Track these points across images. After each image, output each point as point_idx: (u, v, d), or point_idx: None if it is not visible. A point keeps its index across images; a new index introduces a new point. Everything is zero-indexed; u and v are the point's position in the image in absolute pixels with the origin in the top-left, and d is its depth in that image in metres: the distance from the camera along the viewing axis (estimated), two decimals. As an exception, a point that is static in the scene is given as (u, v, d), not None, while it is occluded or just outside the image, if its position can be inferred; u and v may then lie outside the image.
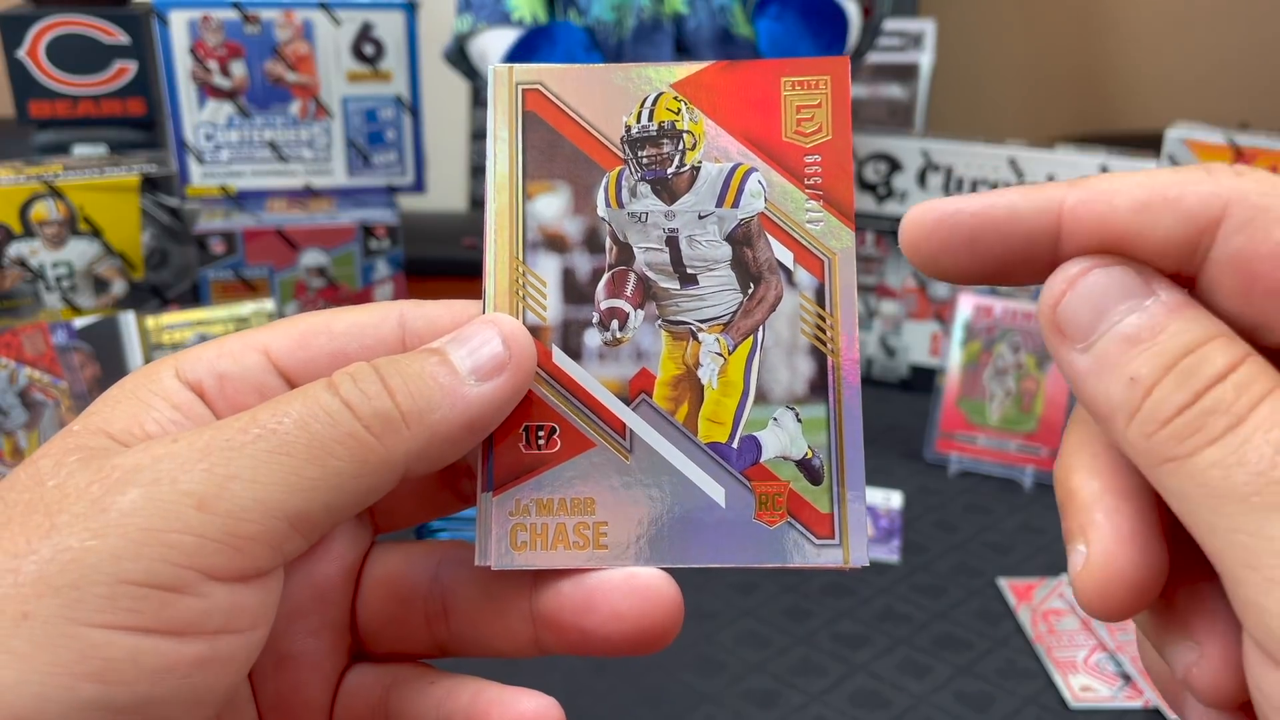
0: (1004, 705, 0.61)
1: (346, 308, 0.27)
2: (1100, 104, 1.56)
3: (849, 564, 0.27)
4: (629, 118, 0.28)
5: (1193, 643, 0.22)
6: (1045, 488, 0.84)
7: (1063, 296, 0.23)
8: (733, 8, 0.91)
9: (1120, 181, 0.23)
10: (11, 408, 0.72)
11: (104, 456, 0.23)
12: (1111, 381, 0.22)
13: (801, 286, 0.27)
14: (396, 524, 0.30)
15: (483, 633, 0.28)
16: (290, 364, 0.26)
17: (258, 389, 0.26)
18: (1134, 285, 0.22)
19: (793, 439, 0.27)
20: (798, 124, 0.28)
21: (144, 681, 0.21)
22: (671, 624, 0.26)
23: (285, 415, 0.23)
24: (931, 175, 0.96)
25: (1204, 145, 0.86)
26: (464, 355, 0.25)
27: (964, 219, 0.23)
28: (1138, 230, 0.22)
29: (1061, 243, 0.23)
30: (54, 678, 0.20)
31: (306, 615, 0.27)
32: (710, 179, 0.28)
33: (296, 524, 0.23)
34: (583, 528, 0.27)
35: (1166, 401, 0.21)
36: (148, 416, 0.24)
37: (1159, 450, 0.21)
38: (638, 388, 0.27)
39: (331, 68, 0.98)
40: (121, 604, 0.21)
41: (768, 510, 0.27)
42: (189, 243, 0.92)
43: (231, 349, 0.26)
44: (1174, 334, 0.21)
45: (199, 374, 0.25)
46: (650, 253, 0.28)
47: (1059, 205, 0.23)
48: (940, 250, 0.24)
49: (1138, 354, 0.22)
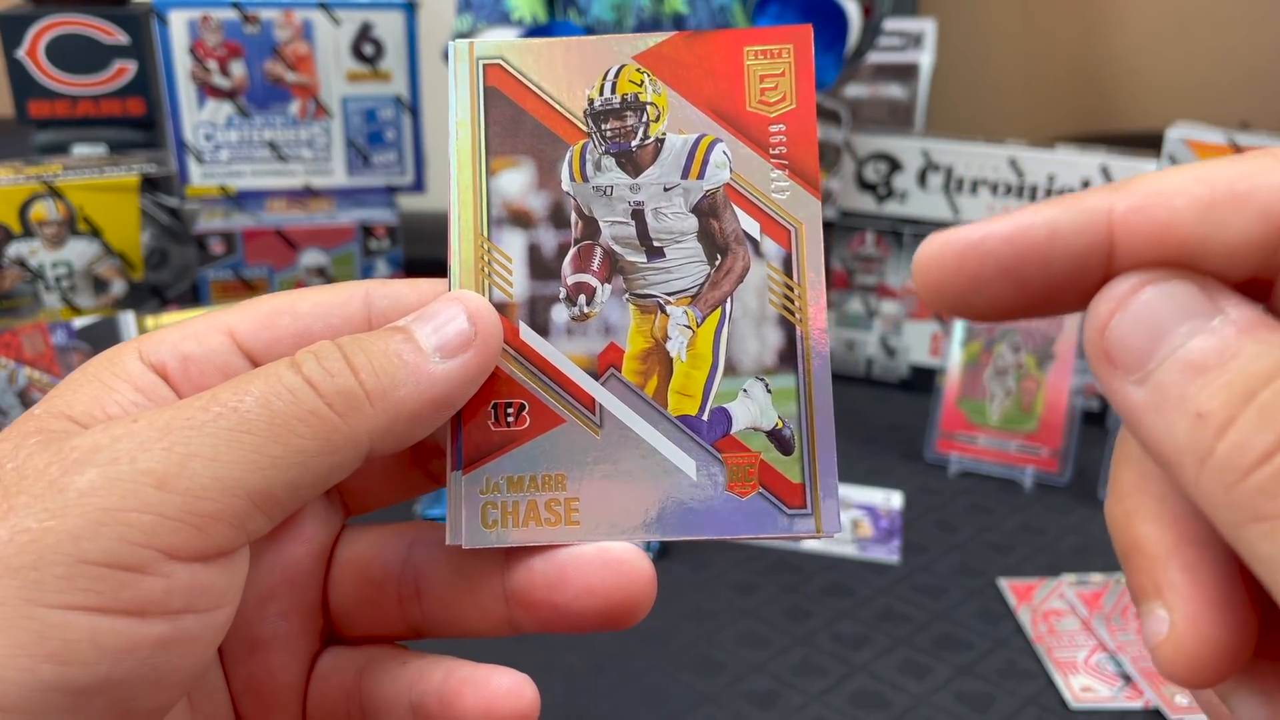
0: (1004, 705, 0.61)
1: (312, 288, 0.27)
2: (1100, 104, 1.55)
3: (821, 532, 0.26)
4: (591, 91, 0.28)
5: (1264, 698, 0.20)
6: (1045, 488, 0.84)
7: (1110, 319, 0.19)
8: (733, 7, 0.91)
9: (1174, 180, 0.19)
10: (11, 408, 0.72)
11: (63, 438, 0.22)
12: (1176, 419, 0.18)
13: (769, 257, 0.27)
14: (368, 505, 0.30)
15: (456, 613, 0.28)
16: (254, 345, 0.26)
17: (222, 370, 0.25)
18: (1196, 302, 0.19)
19: (763, 410, 0.27)
20: (761, 93, 0.28)
21: (104, 662, 0.21)
22: (644, 597, 0.26)
23: (247, 393, 0.23)
24: (931, 175, 0.96)
25: (1204, 145, 0.86)
26: (429, 332, 0.25)
27: (994, 246, 0.20)
28: (1205, 235, 0.19)
29: (1115, 260, 0.20)
30: (13, 659, 0.20)
31: (277, 598, 0.27)
32: (675, 151, 0.28)
33: (259, 502, 0.23)
34: (554, 504, 0.27)
35: (1248, 445, 0.17)
36: (109, 399, 0.24)
37: (1243, 506, 0.17)
38: (606, 362, 0.27)
39: (331, 68, 0.98)
40: (80, 584, 0.21)
41: (739, 482, 0.27)
42: (189, 243, 0.92)
43: (195, 330, 0.26)
44: (1250, 359, 0.18)
45: (162, 356, 0.25)
46: (616, 226, 0.28)
47: (1107, 216, 0.20)
48: (969, 290, 0.20)
49: (1206, 384, 0.18)
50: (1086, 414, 0.90)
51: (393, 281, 0.27)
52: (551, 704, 0.61)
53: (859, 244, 1.00)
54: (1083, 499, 0.82)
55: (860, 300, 1.01)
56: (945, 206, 0.96)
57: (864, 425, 0.93)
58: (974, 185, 0.95)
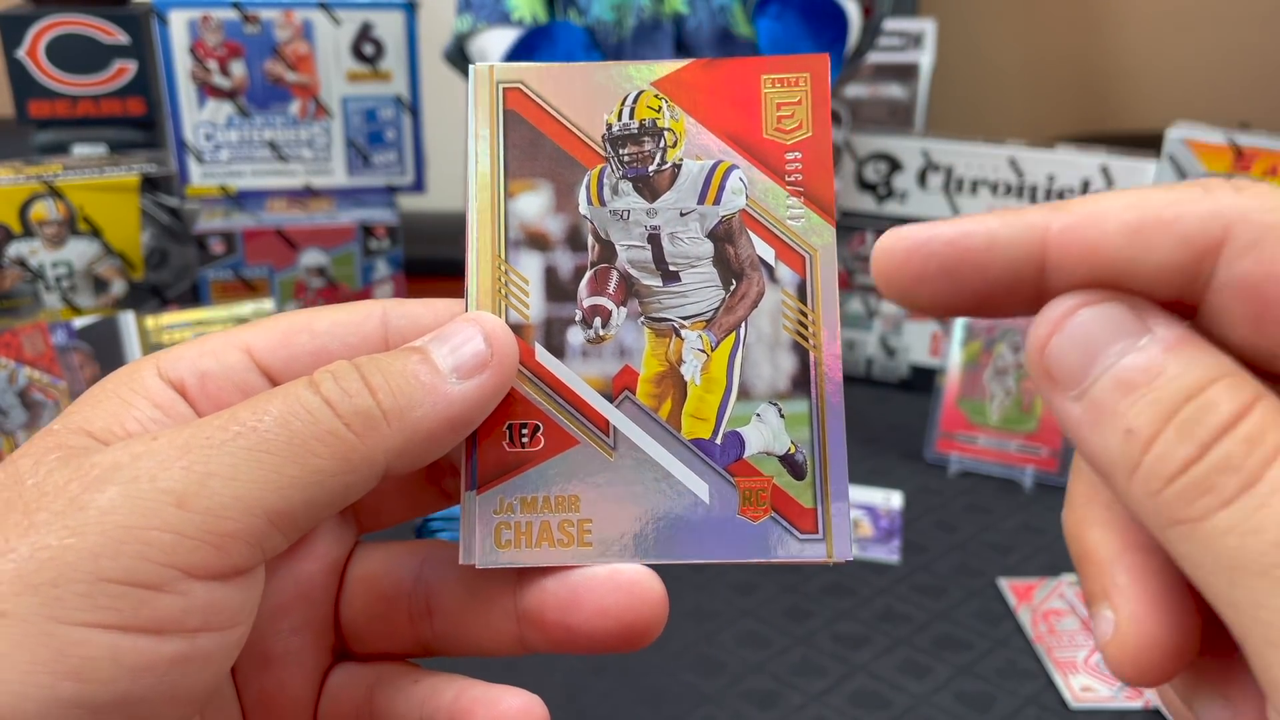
0: (1004, 705, 0.61)
1: (328, 306, 0.27)
2: (1100, 104, 1.55)
3: (833, 558, 0.27)
4: (610, 115, 0.28)
5: (1224, 700, 0.21)
6: (1045, 488, 0.84)
7: (1049, 339, 0.21)
8: (733, 7, 0.91)
9: (1109, 203, 0.21)
10: (11, 408, 0.72)
11: (83, 455, 0.23)
12: (1109, 433, 0.20)
13: (783, 283, 0.28)
14: (381, 523, 0.30)
15: (467, 631, 0.28)
16: (272, 362, 0.26)
17: (240, 387, 0.26)
18: (1127, 323, 0.20)
19: (776, 434, 0.27)
20: (778, 121, 0.28)
21: (123, 679, 0.21)
22: (656, 620, 0.26)
23: (265, 413, 0.23)
24: (931, 175, 0.96)
25: (1204, 145, 0.85)
26: (446, 353, 0.25)
27: (937, 248, 0.22)
28: (1131, 257, 0.20)
29: (1049, 273, 0.21)
30: (32, 675, 0.20)
31: (290, 614, 0.27)
32: (692, 176, 0.28)
33: (276, 521, 0.23)
34: (567, 525, 0.27)
35: (1169, 457, 0.19)
36: (128, 415, 0.24)
37: (1166, 511, 0.19)
38: (621, 385, 0.27)
39: (331, 68, 0.98)
40: (100, 602, 0.21)
41: (751, 505, 0.27)
42: (189, 243, 0.92)
43: (213, 347, 0.26)
44: (1173, 377, 0.19)
45: (180, 372, 0.25)
46: (632, 250, 0.28)
47: (1043, 232, 0.21)
48: (914, 283, 0.22)
49: (1134, 402, 0.20)
50: (1086, 414, 0.90)
51: (409, 301, 0.27)
52: (552, 704, 0.61)
53: (859, 244, 1.00)
54: (1083, 499, 0.82)
55: (860, 300, 1.01)
56: (945, 206, 0.96)
57: (864, 425, 0.93)
58: (974, 185, 0.95)
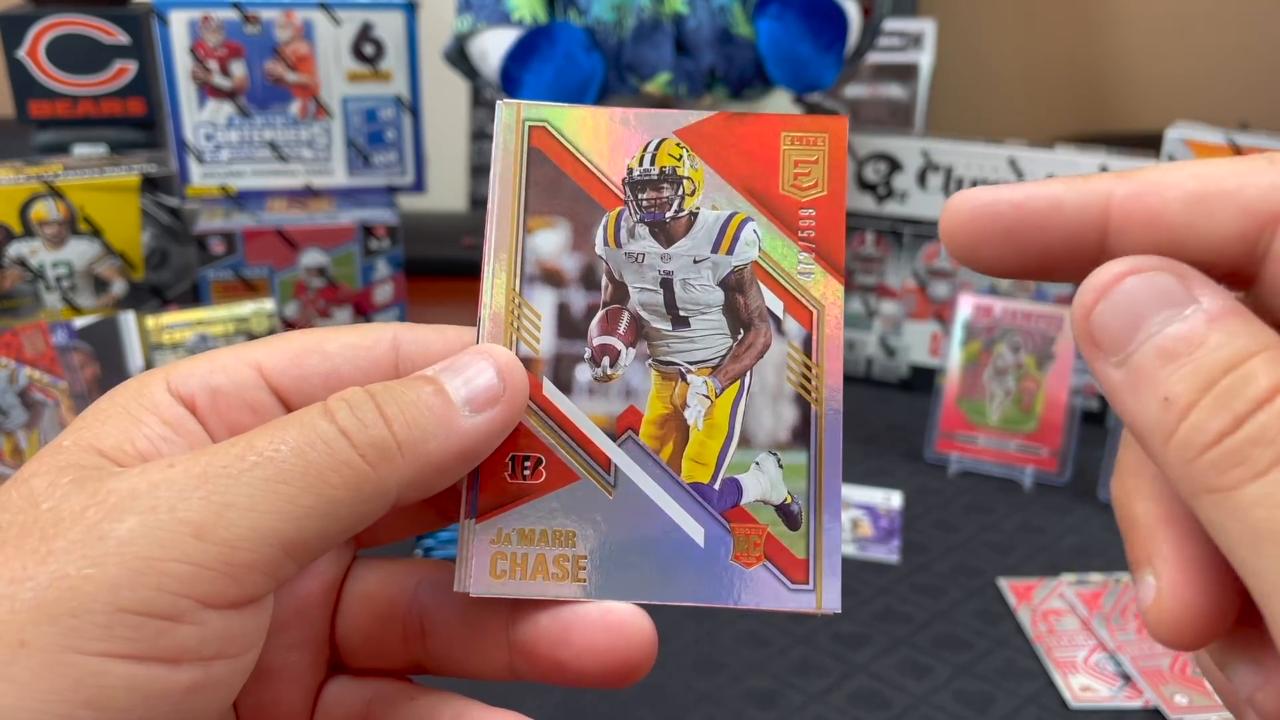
0: (1004, 705, 0.61)
1: (340, 327, 0.27)
2: (1100, 104, 1.56)
3: (821, 609, 0.27)
4: (632, 160, 0.28)
5: (1256, 666, 0.21)
6: (1045, 488, 0.84)
7: (1095, 304, 0.21)
8: (733, 7, 0.91)
9: (1173, 173, 0.21)
10: (11, 408, 0.72)
11: (98, 478, 0.23)
12: (1148, 400, 0.20)
13: (790, 335, 0.28)
14: (379, 539, 0.30)
15: (459, 655, 0.28)
16: (283, 381, 0.26)
17: (249, 405, 0.26)
18: (1174, 292, 0.21)
19: (773, 484, 0.28)
20: (795, 178, 0.28)
21: (139, 708, 0.21)
22: (644, 660, 0.26)
23: (282, 442, 0.23)
24: (931, 175, 0.96)
25: (1204, 145, 0.86)
26: (459, 385, 0.25)
27: (1002, 209, 0.22)
28: (1191, 225, 0.21)
29: (1110, 239, 0.22)
30: (51, 705, 0.20)
31: (287, 630, 0.28)
32: (707, 225, 0.28)
33: (291, 551, 0.23)
34: (563, 559, 0.27)
35: (1205, 426, 0.19)
36: (138, 433, 0.24)
37: (1198, 479, 0.20)
38: (625, 424, 0.28)
39: (331, 68, 0.98)
40: (119, 633, 0.21)
41: (745, 552, 0.27)
42: (189, 243, 0.92)
43: (224, 363, 0.26)
44: (1214, 347, 0.20)
45: (191, 388, 0.26)
46: (645, 293, 0.28)
47: (1106, 199, 0.21)
48: (979, 242, 0.23)
49: (1174, 370, 0.20)
50: (1086, 414, 0.90)
51: (420, 327, 0.28)
52: (552, 704, 0.61)
53: (859, 244, 1.00)
54: (1082, 499, 0.82)
55: (860, 300, 1.01)
56: (945, 206, 0.97)
57: (864, 425, 0.93)
58: (974, 185, 0.95)
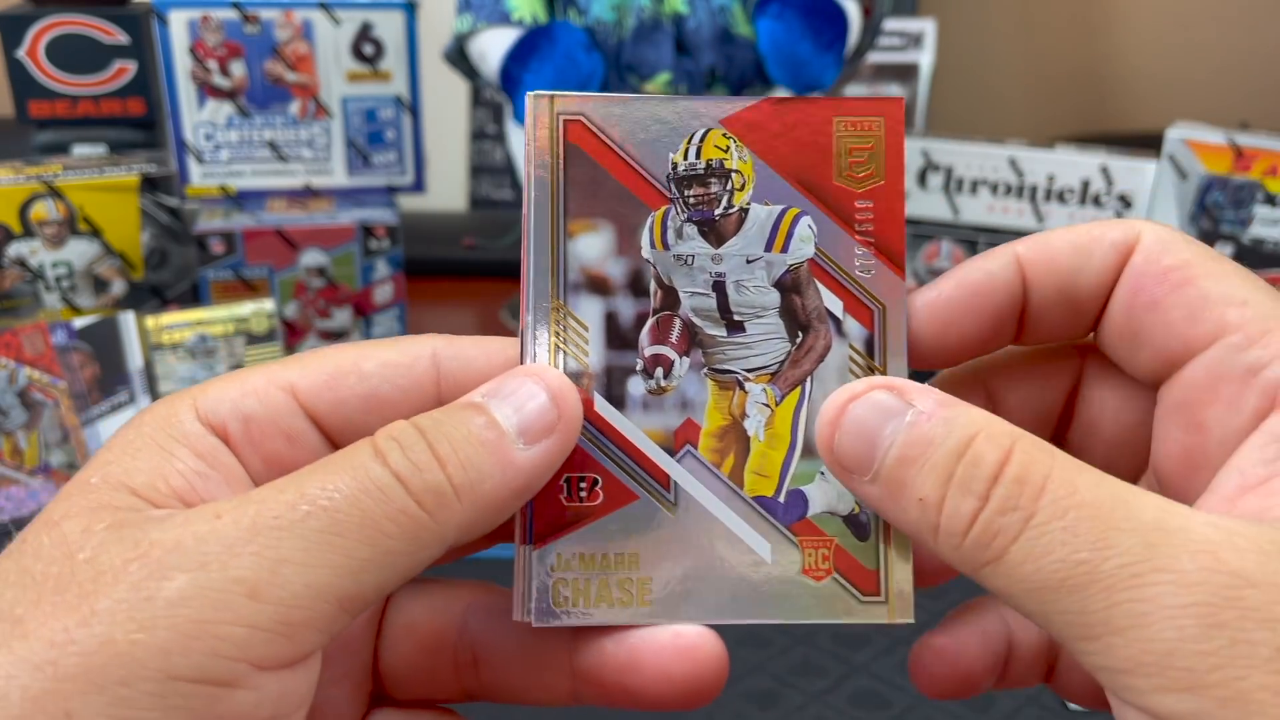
0: (1004, 705, 0.61)
1: (375, 343, 0.26)
2: (1100, 104, 1.55)
3: (894, 620, 0.26)
4: (675, 154, 0.27)
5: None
6: (1045, 488, 0.84)
7: (834, 436, 0.24)
8: (733, 7, 0.91)
9: (1059, 231, 0.26)
10: (11, 408, 0.72)
11: (137, 525, 0.22)
12: (906, 504, 0.23)
13: (850, 337, 0.27)
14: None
15: (517, 685, 0.27)
16: (319, 406, 0.25)
17: (285, 433, 0.25)
18: (892, 405, 0.24)
19: (839, 494, 0.26)
20: (850, 166, 0.27)
21: None
22: (718, 681, 0.25)
23: (335, 490, 0.22)
24: (931, 175, 0.96)
25: (1204, 145, 0.85)
26: (509, 412, 0.24)
27: (949, 291, 0.27)
28: (1078, 265, 0.26)
29: (1027, 285, 0.26)
30: None
31: (329, 665, 0.26)
32: (759, 222, 0.27)
33: (346, 605, 0.22)
34: (626, 583, 0.26)
35: (959, 513, 0.22)
36: (171, 468, 0.23)
37: (972, 558, 0.22)
38: (683, 439, 0.26)
39: (331, 68, 0.98)
40: (171, 701, 0.20)
41: (814, 566, 0.26)
42: (189, 243, 0.92)
43: (255, 386, 0.25)
44: (940, 442, 0.23)
45: (222, 415, 0.24)
46: (696, 298, 0.27)
47: (1015, 255, 0.26)
48: (941, 328, 0.27)
49: (916, 474, 0.23)
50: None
51: (459, 340, 0.26)
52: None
53: (859, 244, 1.00)
54: (1082, 499, 0.82)
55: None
56: (945, 206, 0.97)
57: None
58: (974, 185, 0.95)
